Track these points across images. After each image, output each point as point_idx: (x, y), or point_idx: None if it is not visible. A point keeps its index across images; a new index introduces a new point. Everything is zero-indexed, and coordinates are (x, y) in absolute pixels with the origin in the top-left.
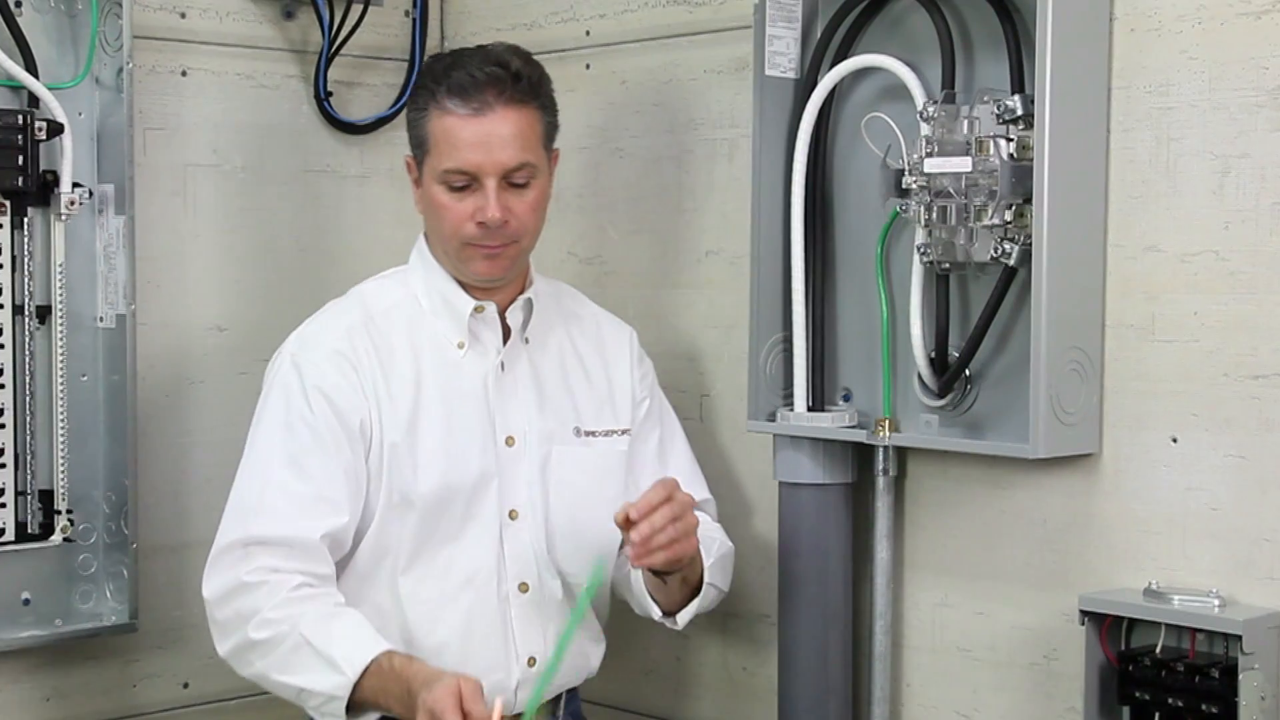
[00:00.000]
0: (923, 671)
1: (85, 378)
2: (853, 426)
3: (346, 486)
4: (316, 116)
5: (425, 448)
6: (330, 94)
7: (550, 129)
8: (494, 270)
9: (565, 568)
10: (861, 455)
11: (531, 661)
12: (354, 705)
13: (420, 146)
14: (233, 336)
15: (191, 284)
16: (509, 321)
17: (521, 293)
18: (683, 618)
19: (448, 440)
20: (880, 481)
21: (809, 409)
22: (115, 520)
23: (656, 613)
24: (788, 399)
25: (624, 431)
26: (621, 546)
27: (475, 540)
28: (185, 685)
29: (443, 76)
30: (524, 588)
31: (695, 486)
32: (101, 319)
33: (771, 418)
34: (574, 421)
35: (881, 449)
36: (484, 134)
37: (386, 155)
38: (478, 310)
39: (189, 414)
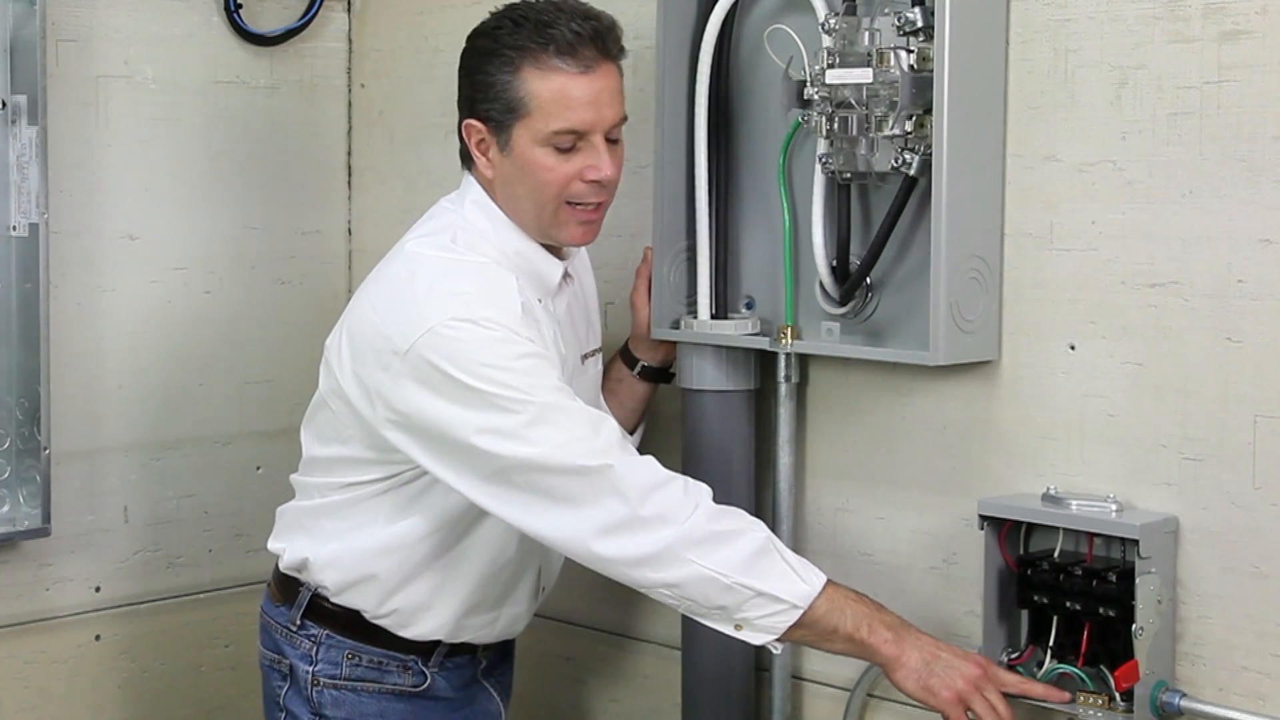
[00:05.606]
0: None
1: None
2: (755, 334)
3: None
4: (226, 28)
5: None
6: (240, 6)
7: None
8: (588, 236)
9: None
10: (764, 362)
11: (540, 592)
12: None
13: (511, 111)
14: (144, 245)
15: (103, 194)
16: (570, 269)
17: None
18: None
19: None
20: (782, 388)
21: (712, 317)
22: (28, 426)
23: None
24: (691, 307)
25: (600, 350)
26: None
27: None
28: (97, 589)
29: (539, 36)
30: None
31: None
32: (14, 228)
33: (675, 325)
34: (580, 348)
35: (783, 356)
36: (595, 91)
37: (295, 67)
38: (566, 277)
39: (101, 321)
